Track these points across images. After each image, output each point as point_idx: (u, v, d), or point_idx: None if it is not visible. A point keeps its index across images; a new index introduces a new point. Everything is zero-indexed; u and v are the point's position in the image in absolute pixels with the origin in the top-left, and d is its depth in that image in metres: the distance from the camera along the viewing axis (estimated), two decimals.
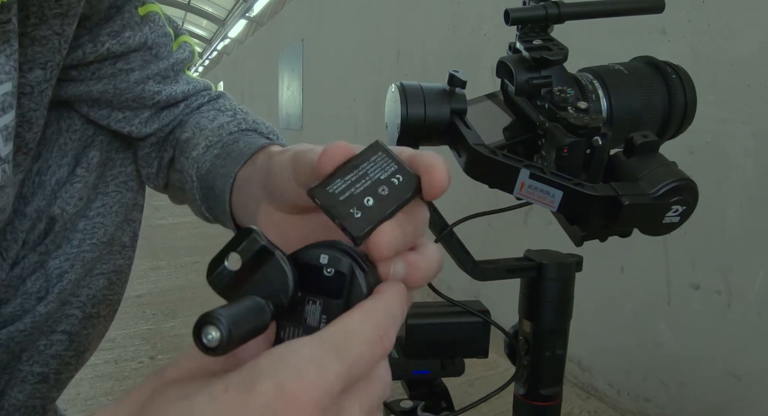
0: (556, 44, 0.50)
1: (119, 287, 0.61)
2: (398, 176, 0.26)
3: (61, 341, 0.56)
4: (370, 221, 0.25)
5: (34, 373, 0.55)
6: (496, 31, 1.48)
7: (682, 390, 0.99)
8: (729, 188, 0.89)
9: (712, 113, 0.90)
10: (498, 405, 1.08)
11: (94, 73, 0.50)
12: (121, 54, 0.50)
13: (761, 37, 0.84)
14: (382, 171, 0.26)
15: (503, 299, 0.81)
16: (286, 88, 4.18)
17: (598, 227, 0.47)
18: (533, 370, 0.56)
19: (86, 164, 0.54)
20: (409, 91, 0.48)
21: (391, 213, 0.25)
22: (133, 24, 0.51)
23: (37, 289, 0.54)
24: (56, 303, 0.55)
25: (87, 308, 0.57)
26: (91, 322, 0.58)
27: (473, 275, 0.54)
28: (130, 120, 0.54)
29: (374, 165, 0.27)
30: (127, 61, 0.51)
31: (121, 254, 0.60)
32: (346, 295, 0.25)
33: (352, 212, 0.25)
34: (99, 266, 0.58)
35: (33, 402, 0.55)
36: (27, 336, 0.54)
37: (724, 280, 0.91)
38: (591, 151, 0.45)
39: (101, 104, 0.53)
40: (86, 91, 0.51)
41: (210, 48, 12.34)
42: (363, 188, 0.26)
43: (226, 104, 0.59)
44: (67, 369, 0.57)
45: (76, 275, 0.55)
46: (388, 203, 0.26)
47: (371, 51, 2.39)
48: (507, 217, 0.67)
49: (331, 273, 0.26)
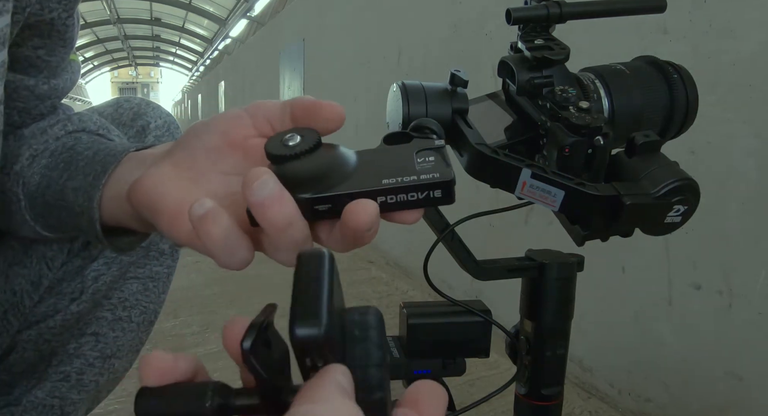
0: (557, 44, 0.50)
1: (155, 295, 0.60)
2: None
3: (88, 341, 0.56)
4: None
5: (56, 371, 0.55)
6: (498, 31, 1.48)
7: (683, 390, 0.99)
8: (731, 188, 0.89)
9: (713, 112, 0.90)
10: (499, 405, 1.08)
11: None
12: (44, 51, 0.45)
13: (763, 36, 0.84)
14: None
15: (504, 299, 0.81)
16: (287, 88, 4.18)
17: (600, 226, 0.47)
18: (534, 370, 0.56)
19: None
20: (411, 90, 0.48)
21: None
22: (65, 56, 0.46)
23: (71, 290, 0.54)
24: (89, 304, 0.55)
25: (117, 311, 0.57)
26: (120, 325, 0.58)
27: (474, 274, 0.54)
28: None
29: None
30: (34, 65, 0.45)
31: (158, 260, 0.60)
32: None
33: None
34: (133, 270, 0.58)
35: (51, 401, 0.55)
36: (56, 335, 0.54)
37: (725, 280, 0.91)
38: (593, 151, 0.45)
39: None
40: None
41: (211, 48, 12.34)
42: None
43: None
44: (90, 370, 0.57)
45: (111, 277, 0.55)
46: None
47: (372, 50, 2.39)
48: (508, 217, 0.67)
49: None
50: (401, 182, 0.31)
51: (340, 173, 0.32)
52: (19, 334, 0.53)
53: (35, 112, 0.47)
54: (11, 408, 0.53)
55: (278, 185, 0.29)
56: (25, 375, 0.55)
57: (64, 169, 0.43)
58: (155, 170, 0.34)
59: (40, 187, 0.44)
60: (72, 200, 0.41)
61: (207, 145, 0.35)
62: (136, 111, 0.58)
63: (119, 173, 0.40)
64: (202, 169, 0.34)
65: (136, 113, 0.58)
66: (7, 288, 0.51)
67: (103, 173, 0.40)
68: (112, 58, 27.67)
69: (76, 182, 0.41)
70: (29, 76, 0.45)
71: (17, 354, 0.53)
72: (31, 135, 0.46)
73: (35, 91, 0.46)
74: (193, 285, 1.75)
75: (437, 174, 0.31)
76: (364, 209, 0.29)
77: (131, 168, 0.39)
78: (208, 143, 0.35)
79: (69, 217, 0.42)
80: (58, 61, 0.47)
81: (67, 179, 0.42)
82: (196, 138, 0.35)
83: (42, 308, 0.53)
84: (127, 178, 0.38)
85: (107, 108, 0.59)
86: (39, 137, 0.46)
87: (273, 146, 0.31)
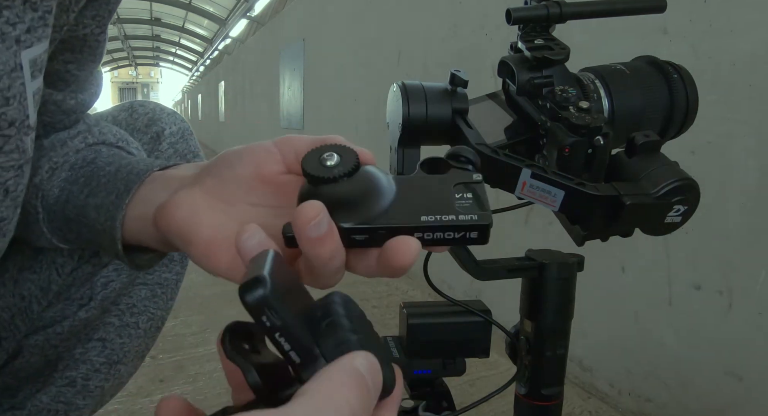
0: (557, 44, 0.50)
1: (163, 302, 0.60)
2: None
3: (95, 347, 0.56)
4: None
5: (62, 376, 0.55)
6: (498, 31, 1.48)
7: (683, 390, 0.99)
8: (731, 188, 0.89)
9: (713, 112, 0.90)
10: (499, 405, 1.08)
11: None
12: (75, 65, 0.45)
13: (763, 36, 0.84)
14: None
15: (504, 299, 0.81)
16: (287, 88, 4.17)
17: (600, 226, 0.47)
18: (534, 370, 0.56)
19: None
20: (411, 90, 0.48)
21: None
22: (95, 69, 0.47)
23: (80, 296, 0.54)
24: (97, 310, 0.54)
25: (125, 317, 0.57)
26: (127, 331, 0.57)
27: (474, 274, 0.54)
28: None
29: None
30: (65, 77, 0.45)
31: (167, 267, 0.60)
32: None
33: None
34: (142, 277, 0.58)
35: (56, 406, 0.55)
36: (63, 340, 0.54)
37: (725, 280, 0.91)
38: (593, 150, 0.45)
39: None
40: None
41: (211, 48, 12.34)
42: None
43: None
44: (96, 376, 0.56)
45: (120, 283, 0.55)
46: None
47: (373, 50, 2.39)
48: (508, 217, 0.67)
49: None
50: (440, 220, 0.30)
51: (379, 202, 0.31)
52: (26, 339, 0.53)
53: (59, 126, 0.47)
54: (16, 412, 0.53)
55: (331, 223, 0.29)
56: (30, 380, 0.55)
57: (84, 184, 0.43)
58: (187, 197, 0.34)
59: (60, 201, 0.43)
60: (94, 218, 0.41)
61: (239, 176, 0.35)
62: (151, 117, 0.58)
63: (143, 193, 0.39)
64: (233, 199, 0.34)
65: (150, 119, 0.58)
66: (16, 293, 0.51)
67: (127, 192, 0.39)
68: (112, 58, 27.66)
69: (98, 200, 0.41)
70: (57, 91, 0.45)
71: (23, 358, 0.53)
72: (50, 147, 0.45)
73: (62, 106, 0.45)
74: (193, 285, 1.75)
75: (476, 216, 0.31)
76: (408, 247, 0.29)
77: (156, 189, 0.39)
78: (240, 175, 0.35)
79: (90, 234, 0.42)
80: (86, 76, 0.46)
81: (88, 195, 0.42)
82: (228, 168, 0.35)
83: (50, 314, 0.53)
84: (151, 198, 0.38)
85: (121, 112, 0.59)
86: (59, 149, 0.45)
87: (311, 165, 0.30)
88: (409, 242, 0.29)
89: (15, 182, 0.37)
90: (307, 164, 0.30)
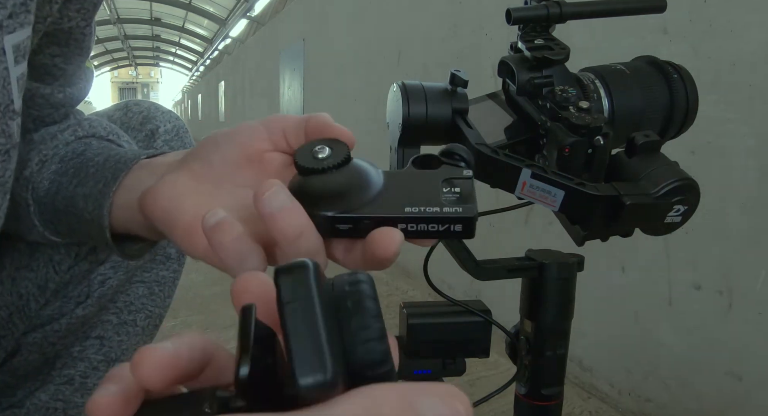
0: (557, 44, 0.50)
1: (161, 299, 0.60)
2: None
3: (93, 345, 0.56)
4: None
5: (60, 374, 0.55)
6: (498, 31, 1.48)
7: (683, 390, 0.99)
8: (731, 188, 0.89)
9: (713, 112, 0.90)
10: (499, 405, 1.08)
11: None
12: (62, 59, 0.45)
13: (763, 36, 0.84)
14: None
15: (504, 298, 0.81)
16: (287, 88, 4.18)
17: (600, 226, 0.47)
18: (534, 370, 0.56)
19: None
20: (411, 90, 0.48)
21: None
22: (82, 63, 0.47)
23: (77, 294, 0.54)
24: (95, 308, 0.55)
25: (123, 315, 0.57)
26: (125, 329, 0.58)
27: (474, 274, 0.54)
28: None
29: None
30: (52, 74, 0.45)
31: (165, 265, 0.60)
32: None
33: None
34: (140, 274, 0.58)
35: (54, 404, 0.55)
36: (61, 338, 0.54)
37: (725, 280, 0.91)
38: (593, 150, 0.45)
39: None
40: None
41: (211, 48, 12.34)
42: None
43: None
44: (94, 373, 0.57)
45: (117, 281, 0.55)
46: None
47: (372, 51, 2.39)
48: (508, 217, 0.67)
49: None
50: (424, 212, 0.31)
51: (365, 193, 0.31)
52: (24, 337, 0.53)
53: (49, 120, 0.47)
54: (14, 410, 0.53)
55: (289, 197, 0.29)
56: (28, 378, 0.55)
57: (74, 175, 0.43)
58: (171, 181, 0.34)
59: (50, 192, 0.43)
60: (82, 207, 0.41)
61: (224, 157, 0.35)
62: (146, 115, 0.58)
63: (130, 181, 0.39)
64: (218, 181, 0.34)
65: (145, 117, 0.58)
66: (13, 291, 0.51)
67: (114, 180, 0.39)
68: (112, 58, 27.68)
69: (86, 189, 0.41)
70: (45, 84, 0.45)
71: (21, 356, 0.53)
72: (40, 140, 0.45)
73: (50, 100, 0.45)
74: (193, 285, 1.75)
75: (460, 209, 0.31)
76: (390, 238, 0.29)
77: (143, 176, 0.39)
78: (225, 155, 0.35)
79: (78, 224, 0.42)
80: (74, 70, 0.46)
81: (77, 185, 0.42)
82: (213, 149, 0.35)
83: (47, 312, 0.53)
84: (138, 186, 0.37)
85: (116, 112, 0.59)
86: (49, 142, 0.45)
87: (302, 157, 0.31)
88: (391, 233, 0.29)
89: (2, 167, 0.37)
90: (298, 156, 0.31)
